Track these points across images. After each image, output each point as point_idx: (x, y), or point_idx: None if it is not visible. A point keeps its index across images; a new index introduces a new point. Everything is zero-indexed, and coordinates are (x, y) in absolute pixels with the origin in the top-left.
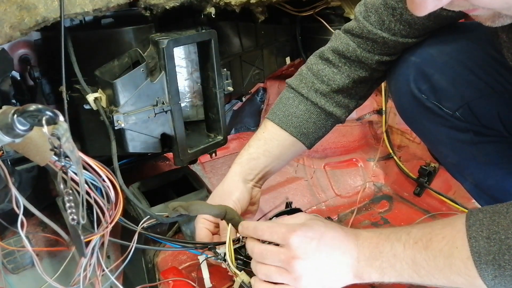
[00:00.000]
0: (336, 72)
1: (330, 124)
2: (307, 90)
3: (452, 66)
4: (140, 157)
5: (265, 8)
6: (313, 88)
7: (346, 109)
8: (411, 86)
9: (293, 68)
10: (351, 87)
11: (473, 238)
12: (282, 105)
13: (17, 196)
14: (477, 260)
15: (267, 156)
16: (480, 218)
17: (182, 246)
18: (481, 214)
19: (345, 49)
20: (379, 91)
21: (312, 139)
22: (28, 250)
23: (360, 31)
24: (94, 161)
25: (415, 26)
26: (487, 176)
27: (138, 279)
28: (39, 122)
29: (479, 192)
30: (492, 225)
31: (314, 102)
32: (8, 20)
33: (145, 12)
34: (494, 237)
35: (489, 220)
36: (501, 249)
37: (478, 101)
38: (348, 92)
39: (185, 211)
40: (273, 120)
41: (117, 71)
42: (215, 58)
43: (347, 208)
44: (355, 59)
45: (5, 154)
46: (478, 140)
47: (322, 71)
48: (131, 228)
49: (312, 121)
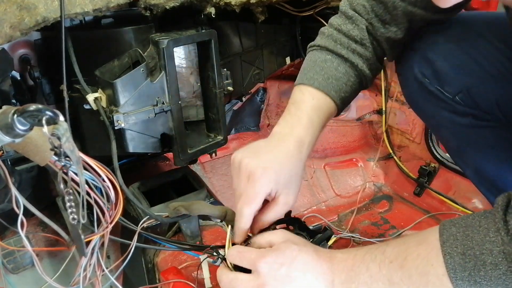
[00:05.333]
0: (361, 29)
1: (363, 86)
2: (346, 51)
3: (455, 53)
4: (140, 157)
5: (265, 8)
6: (350, 49)
7: (378, 71)
8: (415, 71)
9: (293, 68)
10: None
11: (448, 254)
12: (318, 68)
13: (17, 196)
14: (453, 277)
15: (320, 131)
16: (454, 233)
17: (180, 248)
18: (454, 229)
19: (362, 10)
20: (379, 91)
21: (345, 104)
22: (28, 250)
23: None
24: (94, 161)
25: None
26: (486, 161)
27: (138, 279)
28: (39, 122)
29: (479, 179)
30: (466, 240)
31: (354, 63)
32: (8, 20)
33: (145, 12)
34: (469, 253)
35: (463, 235)
36: (476, 265)
37: (478, 88)
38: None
39: (186, 210)
40: (313, 85)
41: (117, 71)
42: (215, 58)
43: (347, 208)
44: (373, 20)
45: (5, 154)
46: (477, 124)
47: (352, 31)
48: (131, 228)
49: (349, 85)
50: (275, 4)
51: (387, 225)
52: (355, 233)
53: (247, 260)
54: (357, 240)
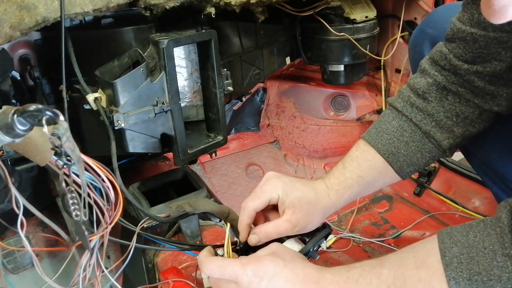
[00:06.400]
0: (431, 83)
1: (427, 150)
2: (402, 104)
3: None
4: (140, 157)
5: (265, 8)
6: (409, 102)
7: (450, 133)
8: (424, 55)
9: (293, 68)
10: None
11: (453, 279)
12: (377, 122)
13: (17, 196)
14: None
15: (360, 184)
16: (457, 254)
17: (180, 248)
18: (456, 249)
19: (439, 57)
20: (379, 91)
21: (402, 162)
22: (28, 250)
23: (451, 32)
24: (94, 161)
25: None
26: (493, 152)
27: (138, 279)
28: (39, 122)
29: (485, 171)
30: (472, 264)
31: (408, 117)
32: (8, 20)
33: (145, 12)
34: (476, 279)
35: (467, 257)
36: None
37: None
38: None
39: (190, 207)
40: (364, 138)
41: (117, 71)
42: (215, 58)
43: (347, 208)
44: (449, 68)
45: (5, 154)
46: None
47: (418, 84)
48: (131, 229)
49: (404, 140)
50: (275, 4)
51: (387, 225)
52: (355, 233)
53: (228, 273)
54: (357, 240)
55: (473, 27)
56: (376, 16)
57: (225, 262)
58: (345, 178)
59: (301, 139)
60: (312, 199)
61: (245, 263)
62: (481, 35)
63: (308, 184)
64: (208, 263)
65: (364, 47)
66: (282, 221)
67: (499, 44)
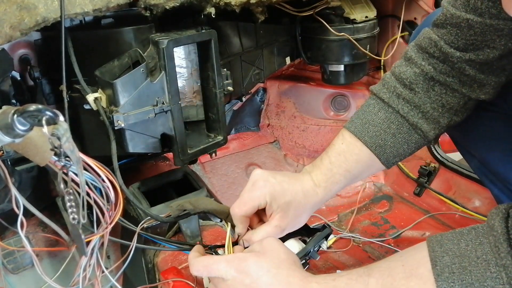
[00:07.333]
0: (418, 73)
1: (413, 141)
2: (388, 95)
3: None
4: (140, 157)
5: (265, 8)
6: (395, 93)
7: (436, 124)
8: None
9: (293, 68)
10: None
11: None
12: (361, 112)
13: (17, 196)
14: None
15: (347, 178)
16: (448, 263)
17: (180, 248)
18: (447, 258)
19: (427, 44)
20: None
21: (389, 154)
22: (28, 250)
23: (443, 18)
24: (94, 161)
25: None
26: (492, 152)
27: (138, 279)
28: (39, 122)
29: (484, 171)
30: (464, 275)
31: (395, 109)
32: (8, 20)
33: (145, 12)
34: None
35: (459, 267)
36: None
37: None
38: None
39: (191, 206)
40: (349, 129)
41: (117, 71)
42: (215, 58)
43: (347, 208)
44: (439, 56)
45: (5, 154)
46: (485, 115)
47: (404, 73)
48: (131, 229)
49: (391, 132)
50: (275, 4)
51: (387, 225)
52: (355, 233)
53: (214, 271)
54: (357, 240)
55: (468, 13)
56: (376, 16)
57: (210, 261)
58: (333, 174)
59: (301, 139)
60: (300, 200)
61: (230, 260)
62: (478, 21)
63: (295, 183)
64: (194, 263)
65: (364, 47)
66: (271, 227)
67: (495, 31)
